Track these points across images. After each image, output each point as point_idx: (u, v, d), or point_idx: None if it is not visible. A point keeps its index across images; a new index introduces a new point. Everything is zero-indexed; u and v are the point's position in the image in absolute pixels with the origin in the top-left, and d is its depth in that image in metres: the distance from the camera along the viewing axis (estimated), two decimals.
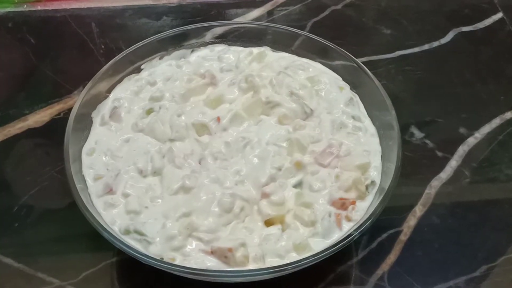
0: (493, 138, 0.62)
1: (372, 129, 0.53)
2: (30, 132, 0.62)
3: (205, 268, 0.43)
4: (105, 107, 0.54)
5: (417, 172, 0.59)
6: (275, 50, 0.60)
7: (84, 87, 0.53)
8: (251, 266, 0.44)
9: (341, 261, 0.52)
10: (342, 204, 0.47)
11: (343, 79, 0.56)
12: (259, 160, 0.49)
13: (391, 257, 0.53)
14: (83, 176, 0.49)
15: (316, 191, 0.48)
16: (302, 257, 0.44)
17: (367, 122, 0.53)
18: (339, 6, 0.77)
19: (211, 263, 0.44)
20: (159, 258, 0.43)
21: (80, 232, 0.53)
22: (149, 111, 0.53)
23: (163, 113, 0.52)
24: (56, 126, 0.62)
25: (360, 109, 0.54)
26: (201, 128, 0.51)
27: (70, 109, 0.51)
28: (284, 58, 0.58)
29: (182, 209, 0.46)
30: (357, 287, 0.51)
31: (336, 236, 0.46)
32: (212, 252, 0.44)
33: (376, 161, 0.50)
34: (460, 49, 0.71)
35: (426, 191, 0.58)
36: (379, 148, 0.51)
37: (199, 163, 0.49)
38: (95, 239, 0.45)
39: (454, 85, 0.68)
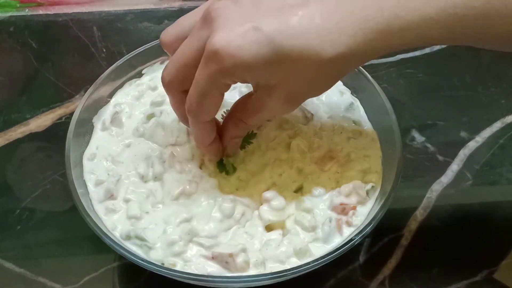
0: (494, 141, 0.62)
1: (372, 133, 0.53)
2: (32, 137, 0.62)
3: (206, 274, 0.43)
4: (106, 112, 0.54)
5: (418, 176, 0.59)
6: None
7: (85, 91, 0.53)
8: (252, 271, 0.44)
9: (342, 266, 0.52)
10: (343, 209, 0.47)
11: (344, 84, 0.56)
12: (259, 165, 0.49)
13: (392, 262, 0.53)
14: (84, 182, 0.49)
15: (317, 196, 0.47)
16: (302, 262, 0.44)
17: (368, 126, 0.53)
18: None
19: (212, 269, 0.44)
20: (160, 264, 0.43)
21: (82, 236, 0.53)
22: (150, 116, 0.53)
23: (164, 118, 0.52)
24: (58, 131, 0.62)
25: (360, 114, 0.54)
26: None
27: (71, 114, 0.52)
28: None
29: (183, 214, 0.46)
30: None
31: (337, 241, 0.46)
32: (213, 258, 0.44)
33: (376, 166, 0.50)
34: (461, 52, 0.71)
35: (427, 195, 0.57)
36: (379, 153, 0.51)
37: (200, 168, 0.49)
38: (96, 243, 0.46)
39: (455, 88, 0.68)
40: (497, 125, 0.64)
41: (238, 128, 0.46)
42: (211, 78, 0.40)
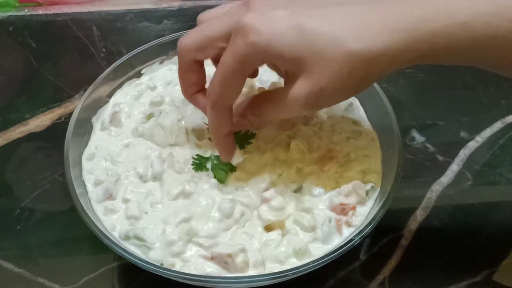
0: (494, 142, 0.62)
1: (372, 133, 0.53)
2: (31, 136, 0.62)
3: (205, 274, 0.43)
4: (105, 112, 0.54)
5: (418, 176, 0.59)
6: None
7: (85, 91, 0.53)
8: (251, 272, 0.44)
9: (341, 266, 0.52)
10: (342, 210, 0.47)
11: None
12: (259, 165, 0.49)
13: (392, 262, 0.53)
14: (83, 181, 0.49)
15: (316, 196, 0.47)
16: (302, 262, 0.44)
17: (368, 126, 0.53)
18: None
19: (211, 269, 0.43)
20: (159, 264, 0.43)
21: (81, 236, 0.53)
22: (149, 116, 0.53)
23: (163, 118, 0.52)
24: (57, 130, 0.62)
25: (360, 114, 0.54)
26: (201, 133, 0.51)
27: (71, 114, 0.52)
28: None
29: (182, 214, 0.46)
30: None
31: (336, 241, 0.46)
32: (212, 258, 0.44)
33: (376, 166, 0.50)
34: None
35: (427, 195, 0.57)
36: (379, 153, 0.51)
37: None
38: (95, 243, 0.46)
39: (455, 88, 0.68)
40: (497, 125, 0.64)
41: (252, 113, 0.46)
42: (236, 55, 0.40)
